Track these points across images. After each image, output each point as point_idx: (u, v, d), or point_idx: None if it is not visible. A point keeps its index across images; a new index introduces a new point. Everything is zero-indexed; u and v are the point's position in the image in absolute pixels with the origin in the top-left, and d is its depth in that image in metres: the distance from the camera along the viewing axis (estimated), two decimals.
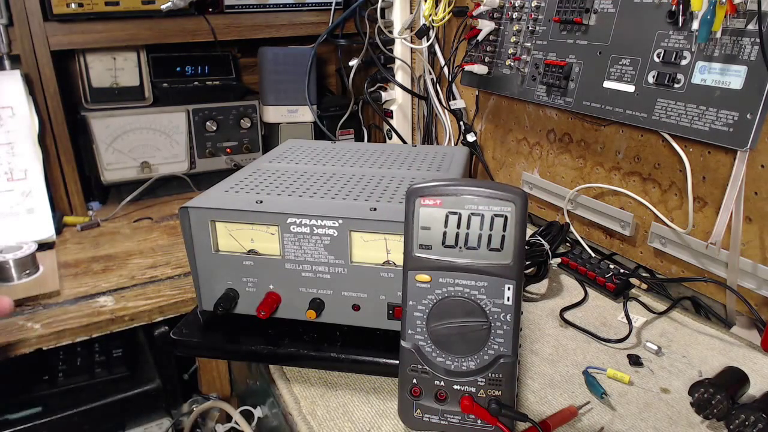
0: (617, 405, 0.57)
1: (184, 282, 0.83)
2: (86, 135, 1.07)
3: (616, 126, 0.83)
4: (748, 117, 0.64)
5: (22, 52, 0.95)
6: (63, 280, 0.84)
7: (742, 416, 0.52)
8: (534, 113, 0.97)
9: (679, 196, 0.77)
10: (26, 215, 0.94)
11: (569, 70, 0.84)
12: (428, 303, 0.49)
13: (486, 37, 0.98)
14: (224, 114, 1.17)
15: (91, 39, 1.00)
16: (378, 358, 0.59)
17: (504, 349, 0.48)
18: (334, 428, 0.55)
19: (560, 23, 0.84)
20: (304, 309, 0.60)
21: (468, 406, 0.49)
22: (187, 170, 1.16)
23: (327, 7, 1.19)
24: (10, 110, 0.94)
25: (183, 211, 0.60)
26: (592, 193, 0.89)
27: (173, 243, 0.97)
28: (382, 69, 1.16)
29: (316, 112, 1.21)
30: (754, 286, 0.69)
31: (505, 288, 0.47)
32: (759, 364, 0.64)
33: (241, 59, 1.32)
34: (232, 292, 0.62)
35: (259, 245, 0.60)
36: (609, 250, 0.90)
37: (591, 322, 0.72)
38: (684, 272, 0.79)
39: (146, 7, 1.01)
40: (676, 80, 0.70)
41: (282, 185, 0.66)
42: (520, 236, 0.45)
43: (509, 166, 1.06)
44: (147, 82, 1.14)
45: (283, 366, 0.64)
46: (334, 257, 0.58)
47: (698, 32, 0.63)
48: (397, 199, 0.62)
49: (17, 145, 0.94)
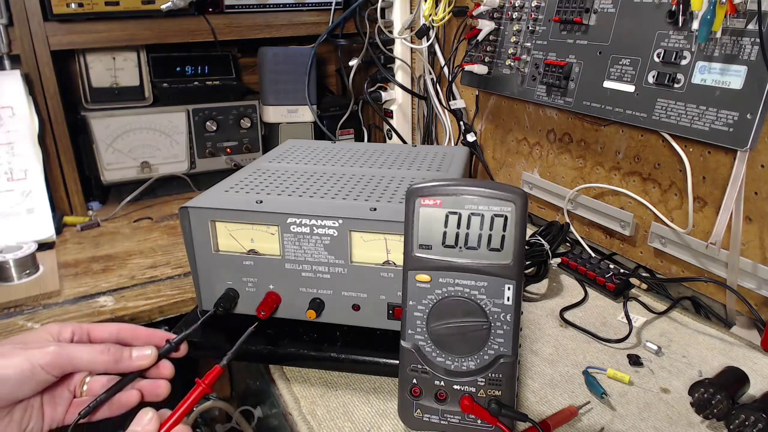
0: (617, 405, 0.57)
1: (184, 282, 0.83)
2: (86, 135, 1.07)
3: (616, 126, 0.83)
4: (748, 117, 0.64)
5: (22, 52, 0.95)
6: (63, 280, 0.84)
7: (742, 416, 0.52)
8: (534, 113, 0.97)
9: (679, 196, 0.77)
10: (26, 215, 0.94)
11: (569, 70, 0.84)
12: (428, 303, 0.49)
13: (486, 37, 0.98)
14: (224, 114, 1.17)
15: (91, 39, 1.00)
16: (378, 358, 0.59)
17: (504, 349, 0.48)
18: (334, 428, 0.55)
19: (560, 23, 0.84)
20: (304, 309, 0.60)
21: (468, 406, 0.49)
22: (187, 170, 1.16)
23: (327, 7, 1.19)
24: (10, 110, 0.94)
25: (183, 211, 0.60)
26: (592, 193, 0.89)
27: (173, 243, 0.97)
28: (382, 69, 1.16)
29: (316, 112, 1.21)
30: (754, 286, 0.69)
31: (505, 288, 0.47)
32: (759, 364, 0.64)
33: (241, 59, 1.32)
34: (232, 292, 0.62)
35: (259, 245, 0.60)
36: (609, 250, 0.90)
37: (591, 322, 0.72)
38: (684, 272, 0.79)
39: (146, 7, 1.01)
40: (676, 80, 0.70)
41: (282, 185, 0.66)
42: (520, 236, 0.45)
43: (509, 166, 1.06)
44: (147, 82, 1.14)
45: (283, 366, 0.64)
46: (334, 257, 0.58)
47: (698, 32, 0.63)
48: (397, 199, 0.61)
49: (17, 145, 0.94)
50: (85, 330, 0.54)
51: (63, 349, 0.49)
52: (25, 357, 0.47)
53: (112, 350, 0.51)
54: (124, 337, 0.55)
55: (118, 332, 0.55)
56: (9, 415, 0.49)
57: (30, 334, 0.52)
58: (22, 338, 0.52)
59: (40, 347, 0.49)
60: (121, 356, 0.51)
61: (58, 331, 0.52)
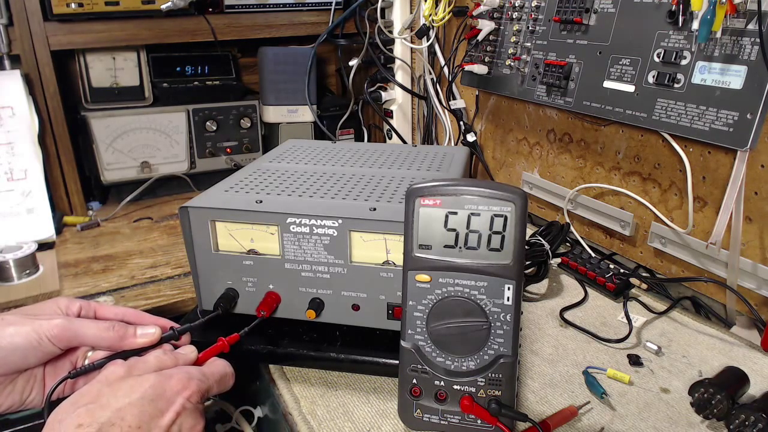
0: (617, 405, 0.57)
1: (184, 282, 0.83)
2: (86, 135, 1.07)
3: (616, 126, 0.83)
4: (748, 117, 0.64)
5: (22, 52, 0.95)
6: (63, 280, 0.84)
7: (742, 416, 0.52)
8: (534, 113, 0.97)
9: (679, 196, 0.77)
10: (26, 215, 0.94)
11: (569, 70, 0.84)
12: (428, 303, 0.49)
13: (486, 37, 0.98)
14: (224, 114, 1.17)
15: (91, 39, 1.00)
16: (378, 358, 0.60)
17: (504, 349, 0.48)
18: (334, 428, 0.55)
19: (560, 23, 0.84)
20: (303, 309, 0.60)
21: (468, 406, 0.49)
22: (187, 170, 1.16)
23: (327, 7, 1.19)
24: (10, 110, 0.94)
25: (183, 210, 0.60)
26: (592, 193, 0.89)
27: (173, 243, 0.97)
28: (382, 69, 1.16)
29: (316, 112, 1.21)
30: (754, 286, 0.69)
31: (505, 288, 0.47)
32: (759, 364, 0.64)
33: (241, 59, 1.31)
34: (232, 291, 0.62)
35: (258, 245, 0.60)
36: (609, 250, 0.90)
37: (591, 322, 0.72)
38: (684, 272, 0.79)
39: (146, 7, 1.01)
40: (676, 80, 0.70)
41: (282, 185, 0.66)
42: (520, 236, 0.45)
43: (509, 166, 1.06)
44: (147, 82, 1.14)
45: (283, 366, 0.64)
46: (333, 257, 0.58)
47: (698, 32, 0.63)
48: (397, 199, 0.62)
49: (17, 145, 0.94)
50: (92, 307, 0.55)
51: (70, 323, 0.50)
52: (33, 327, 0.48)
53: (117, 327, 0.52)
54: (129, 320, 0.55)
55: (124, 315, 0.56)
56: (12, 383, 0.50)
57: (38, 306, 0.53)
58: (30, 309, 0.52)
59: (48, 319, 0.49)
60: (126, 333, 0.52)
61: (66, 305, 0.53)
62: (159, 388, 0.45)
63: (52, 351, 0.49)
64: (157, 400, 0.44)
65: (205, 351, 0.55)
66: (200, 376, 0.49)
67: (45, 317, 0.50)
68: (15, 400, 0.50)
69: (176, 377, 0.47)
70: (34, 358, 0.49)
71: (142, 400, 0.44)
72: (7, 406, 0.50)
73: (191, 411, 0.46)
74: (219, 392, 0.52)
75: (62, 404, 0.44)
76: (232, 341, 0.56)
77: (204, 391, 0.48)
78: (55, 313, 0.52)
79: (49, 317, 0.50)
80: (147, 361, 0.48)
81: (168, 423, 0.44)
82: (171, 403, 0.45)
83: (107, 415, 0.42)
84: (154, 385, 0.45)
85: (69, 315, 0.53)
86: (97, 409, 0.42)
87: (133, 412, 0.43)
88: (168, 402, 0.45)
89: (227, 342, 0.56)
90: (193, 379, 0.47)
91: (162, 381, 0.46)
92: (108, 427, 0.41)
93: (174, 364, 0.49)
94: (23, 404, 0.51)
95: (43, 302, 0.54)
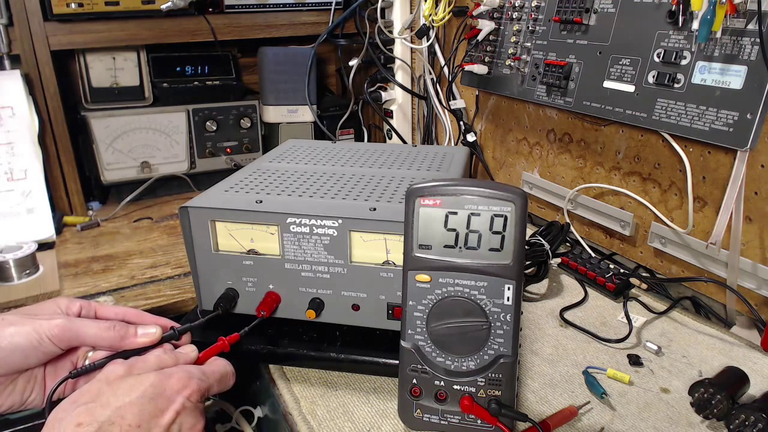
0: (617, 405, 0.57)
1: (184, 282, 0.83)
2: (86, 135, 1.07)
3: (616, 126, 0.83)
4: (748, 117, 0.64)
5: (22, 52, 0.95)
6: (63, 280, 0.84)
7: (742, 416, 0.52)
8: (534, 113, 0.97)
9: (679, 196, 0.77)
10: (26, 215, 0.94)
11: (569, 70, 0.84)
12: (428, 303, 0.49)
13: (486, 37, 0.98)
14: (224, 114, 1.17)
15: (91, 39, 1.00)
16: (378, 358, 0.60)
17: (504, 349, 0.48)
18: (334, 428, 0.55)
19: (560, 23, 0.84)
20: (303, 309, 0.60)
21: (468, 406, 0.49)
22: (187, 170, 1.16)
23: (327, 7, 1.19)
24: (10, 110, 0.94)
25: (183, 210, 0.60)
26: (592, 193, 0.89)
27: (173, 243, 0.97)
28: (382, 69, 1.16)
29: (316, 112, 1.21)
30: (754, 286, 0.69)
31: (505, 288, 0.47)
32: (759, 364, 0.64)
33: (241, 59, 1.31)
34: (232, 291, 0.62)
35: (258, 245, 0.60)
36: (609, 250, 0.90)
37: (591, 322, 0.72)
38: (684, 272, 0.79)
39: (146, 7, 1.01)
40: (676, 80, 0.70)
41: (282, 185, 0.66)
42: (520, 236, 0.45)
43: (509, 166, 1.06)
44: (147, 82, 1.14)
45: (283, 366, 0.64)
46: (333, 257, 0.58)
47: (698, 32, 0.63)
48: (397, 199, 0.62)
49: (17, 145, 0.94)
50: (93, 307, 0.55)
51: (71, 323, 0.50)
52: (33, 327, 0.48)
53: (118, 327, 0.52)
54: (129, 320, 0.55)
55: (124, 315, 0.56)
56: (12, 384, 0.50)
57: (38, 306, 0.53)
58: (31, 309, 0.52)
59: (49, 319, 0.49)
60: (126, 333, 0.52)
61: (66, 305, 0.53)
62: (159, 386, 0.45)
63: (52, 351, 0.49)
64: (157, 398, 0.44)
65: (206, 350, 0.55)
66: (200, 375, 0.48)
67: (45, 317, 0.50)
68: (15, 400, 0.50)
69: (176, 376, 0.47)
70: (34, 358, 0.49)
71: (142, 399, 0.44)
72: (8, 407, 0.50)
73: (191, 410, 0.46)
74: (219, 391, 0.52)
75: (62, 403, 0.44)
76: (232, 341, 0.56)
77: (204, 390, 0.48)
78: (55, 313, 0.52)
79: (49, 317, 0.50)
80: (147, 360, 0.48)
81: (168, 422, 0.44)
82: (171, 402, 0.45)
83: (107, 414, 0.42)
84: (154, 384, 0.45)
85: (69, 315, 0.53)
86: (96, 408, 0.42)
87: (133, 411, 0.43)
88: (168, 401, 0.45)
89: (227, 342, 0.56)
90: (193, 378, 0.47)
91: (162, 380, 0.46)
92: (108, 426, 0.41)
93: (174, 363, 0.49)
94: (24, 404, 0.51)
95: (44, 302, 0.54)
